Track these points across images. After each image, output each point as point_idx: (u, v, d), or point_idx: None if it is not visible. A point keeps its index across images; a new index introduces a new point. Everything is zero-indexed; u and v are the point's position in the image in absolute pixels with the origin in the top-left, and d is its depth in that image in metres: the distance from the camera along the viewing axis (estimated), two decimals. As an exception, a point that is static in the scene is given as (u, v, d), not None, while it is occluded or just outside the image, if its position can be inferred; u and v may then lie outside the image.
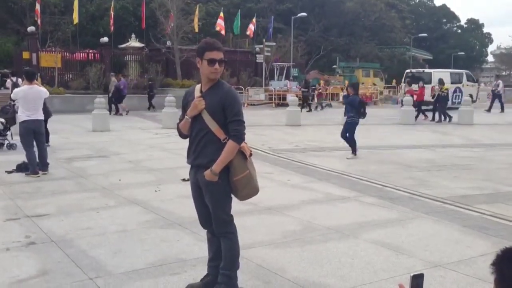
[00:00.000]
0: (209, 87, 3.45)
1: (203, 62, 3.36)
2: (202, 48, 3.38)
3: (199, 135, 3.43)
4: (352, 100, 10.44)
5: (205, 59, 3.34)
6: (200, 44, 3.46)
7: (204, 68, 3.37)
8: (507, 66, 74.57)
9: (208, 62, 3.34)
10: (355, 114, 10.36)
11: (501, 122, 18.76)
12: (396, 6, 57.98)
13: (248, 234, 5.19)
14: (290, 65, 33.84)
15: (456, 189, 7.42)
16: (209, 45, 3.39)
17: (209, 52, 3.34)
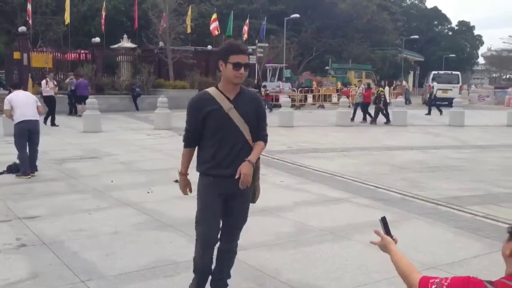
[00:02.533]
0: (236, 93, 3.24)
1: (227, 65, 3.14)
2: (227, 51, 3.17)
3: (237, 146, 3.23)
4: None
5: (230, 62, 3.12)
6: (224, 46, 3.24)
7: (229, 72, 3.15)
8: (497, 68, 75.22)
9: (234, 66, 3.12)
10: None
11: (491, 124, 18.88)
12: (388, 8, 58.23)
13: (242, 236, 5.16)
14: (283, 66, 33.87)
15: (448, 190, 7.44)
16: (235, 48, 3.18)
17: (235, 56, 3.13)
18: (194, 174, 3.39)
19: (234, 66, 3.12)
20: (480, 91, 40.84)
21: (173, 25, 29.47)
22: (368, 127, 18.13)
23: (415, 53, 61.39)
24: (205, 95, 3.27)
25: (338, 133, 15.73)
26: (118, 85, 26.33)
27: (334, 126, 17.72)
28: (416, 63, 60.19)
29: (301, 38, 44.69)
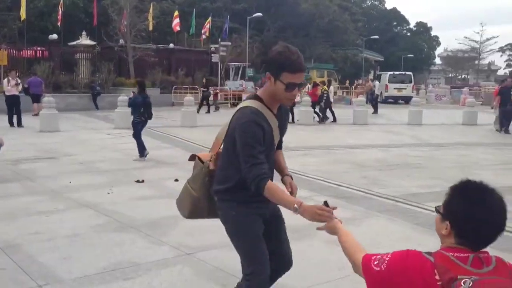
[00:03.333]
0: (278, 107, 2.69)
1: (278, 83, 2.49)
2: (280, 66, 2.47)
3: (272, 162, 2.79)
4: (132, 100, 10.17)
5: (283, 82, 2.47)
6: (276, 57, 2.48)
7: (279, 91, 2.52)
8: (453, 69, 77.63)
9: (286, 88, 2.48)
10: (136, 115, 9.97)
11: (448, 122, 19.46)
12: (349, 9, 59.13)
13: (204, 236, 5.13)
14: (246, 65, 33.86)
15: (407, 187, 7.62)
16: (291, 65, 2.45)
17: (290, 75, 2.46)
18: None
19: (288, 87, 2.48)
20: (437, 91, 42.01)
21: (134, 22, 29.03)
22: (330, 126, 18.36)
23: (375, 53, 62.63)
24: (254, 113, 2.55)
25: (301, 131, 15.86)
26: (76, 84, 25.69)
27: (297, 124, 17.85)
28: (376, 63, 61.42)
29: (264, 37, 44.79)
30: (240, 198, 2.65)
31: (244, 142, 2.50)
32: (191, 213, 2.89)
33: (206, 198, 2.80)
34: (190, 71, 30.95)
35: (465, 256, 1.59)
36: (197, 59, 33.59)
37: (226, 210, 2.71)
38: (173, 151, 11.34)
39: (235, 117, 2.61)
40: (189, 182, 2.87)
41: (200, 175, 2.81)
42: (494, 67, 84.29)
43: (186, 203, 2.89)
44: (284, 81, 2.47)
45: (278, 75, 2.48)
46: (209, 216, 2.90)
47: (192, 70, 31.39)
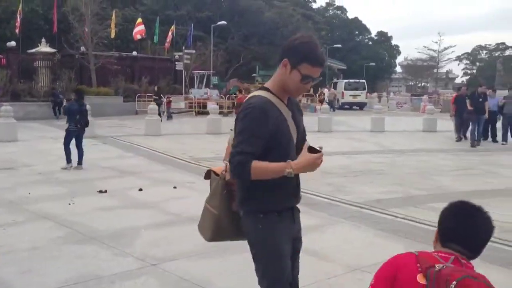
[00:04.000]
0: (288, 99, 2.50)
1: (294, 72, 2.35)
2: (303, 56, 2.33)
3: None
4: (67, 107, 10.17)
5: (300, 72, 2.34)
6: (301, 46, 2.35)
7: (292, 82, 2.37)
8: (413, 77, 79.77)
9: (303, 78, 2.35)
10: (71, 123, 9.93)
11: (409, 129, 19.93)
12: (312, 18, 60.08)
13: (170, 246, 5.06)
14: (210, 73, 33.83)
15: (371, 193, 7.73)
16: (314, 57, 2.35)
17: (310, 67, 2.34)
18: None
19: (304, 78, 2.35)
20: (398, 98, 43.04)
21: (96, 29, 28.59)
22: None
23: (338, 61, 63.69)
24: (263, 102, 2.35)
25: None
26: (36, 92, 25.01)
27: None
28: (339, 71, 62.43)
29: (228, 45, 44.92)
30: (256, 207, 2.41)
31: (243, 127, 2.31)
32: (214, 233, 2.60)
33: (228, 215, 2.52)
34: (154, 79, 30.67)
35: (447, 256, 1.75)
36: (161, 67, 33.36)
37: (250, 223, 2.43)
38: (137, 160, 11.16)
39: (241, 107, 2.42)
40: (208, 201, 2.62)
41: (217, 189, 2.54)
42: (452, 75, 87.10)
43: (207, 223, 2.61)
44: (302, 71, 2.33)
45: (297, 64, 2.33)
46: (234, 236, 2.60)
47: (156, 78, 31.12)
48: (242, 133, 2.30)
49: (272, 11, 50.29)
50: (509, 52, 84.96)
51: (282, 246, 2.43)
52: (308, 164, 2.31)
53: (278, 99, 2.40)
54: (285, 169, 2.27)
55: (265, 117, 2.29)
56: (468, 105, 14.48)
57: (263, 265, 2.46)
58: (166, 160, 11.21)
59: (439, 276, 1.62)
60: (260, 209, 2.40)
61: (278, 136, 2.34)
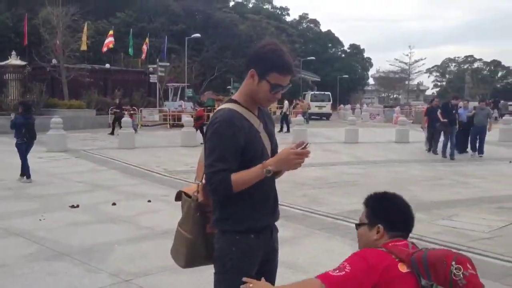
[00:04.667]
0: (258, 109, 2.41)
1: (263, 83, 2.26)
2: (270, 65, 2.26)
3: (272, 179, 2.39)
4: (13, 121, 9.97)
5: (269, 81, 2.26)
6: (268, 54, 2.27)
7: (262, 92, 2.28)
8: (385, 89, 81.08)
9: (272, 88, 2.27)
10: (18, 136, 9.79)
11: (382, 140, 20.21)
12: (286, 31, 60.63)
13: (145, 261, 4.99)
14: (185, 85, 33.73)
15: (346, 204, 7.78)
16: (282, 66, 2.28)
17: (279, 76, 2.27)
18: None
19: (273, 88, 2.27)
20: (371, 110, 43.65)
21: (68, 42, 28.25)
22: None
23: (312, 73, 64.34)
24: (233, 115, 2.25)
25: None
26: (5, 105, 24.48)
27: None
28: (313, 83, 63.03)
29: (203, 58, 44.91)
30: (232, 228, 2.29)
31: (213, 145, 2.22)
32: (188, 259, 2.46)
33: (203, 239, 2.39)
34: (127, 91, 30.40)
35: (405, 243, 1.90)
36: (135, 79, 33.10)
37: (225, 244, 2.31)
38: (110, 174, 11.00)
39: (209, 121, 2.32)
40: (180, 225, 2.47)
41: (190, 211, 2.41)
42: (423, 87, 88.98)
43: (181, 249, 2.46)
44: (271, 81, 2.25)
45: (265, 74, 2.25)
46: (209, 260, 2.43)
47: (130, 90, 30.85)
48: (215, 151, 2.21)
49: (246, 24, 50.63)
50: (477, 64, 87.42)
51: (252, 273, 2.32)
52: (283, 158, 2.20)
53: (247, 111, 2.31)
54: (262, 169, 2.20)
55: (234, 130, 2.20)
56: (441, 117, 14.43)
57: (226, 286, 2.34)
58: (140, 174, 11.09)
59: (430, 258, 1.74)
60: (237, 229, 2.28)
61: (251, 149, 2.25)
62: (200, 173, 2.45)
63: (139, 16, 45.46)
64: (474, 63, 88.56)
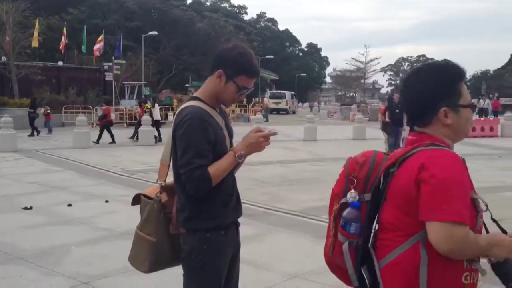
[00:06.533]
0: (219, 107, 2.46)
1: (230, 84, 2.32)
2: (240, 68, 2.32)
3: (232, 174, 2.41)
4: None
5: (236, 83, 2.32)
6: (237, 57, 2.32)
7: (228, 93, 2.34)
8: (342, 87, 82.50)
9: (239, 90, 2.34)
10: None
11: (340, 138, 20.53)
12: (244, 29, 60.64)
13: (103, 263, 4.85)
14: (142, 83, 33.17)
15: (306, 201, 7.84)
16: (250, 69, 2.35)
17: (247, 79, 2.35)
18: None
19: (240, 90, 2.34)
20: (329, 108, 44.27)
21: (18, 38, 27.24)
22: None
23: (271, 72, 64.69)
24: (200, 112, 2.28)
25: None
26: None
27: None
28: (272, 81, 63.38)
29: (160, 56, 44.29)
30: (214, 222, 2.30)
31: (187, 142, 2.21)
32: (152, 263, 2.37)
33: (168, 240, 2.34)
34: (82, 90, 29.60)
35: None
36: (89, 77, 32.30)
37: (196, 243, 2.28)
38: (65, 174, 10.66)
39: (175, 120, 2.32)
40: (140, 229, 2.38)
41: (153, 213, 2.34)
42: (378, 86, 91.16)
43: (143, 254, 2.37)
44: (238, 83, 2.32)
45: (234, 76, 2.31)
46: (173, 262, 2.39)
47: (84, 89, 30.05)
48: (190, 148, 2.19)
49: (204, 22, 50.27)
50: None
51: (222, 271, 2.35)
52: (253, 141, 2.30)
53: (211, 109, 2.35)
54: (234, 155, 2.26)
55: (205, 126, 2.23)
56: (387, 116, 13.24)
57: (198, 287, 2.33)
58: (97, 174, 10.80)
59: None
60: (207, 227, 2.27)
61: (218, 147, 2.26)
62: (162, 173, 2.42)
63: (93, 13, 44.33)
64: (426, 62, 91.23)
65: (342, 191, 1.85)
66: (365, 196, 1.78)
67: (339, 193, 1.86)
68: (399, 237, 1.65)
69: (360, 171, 1.83)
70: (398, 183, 1.67)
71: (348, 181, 1.83)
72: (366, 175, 1.81)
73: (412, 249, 1.62)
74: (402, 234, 1.65)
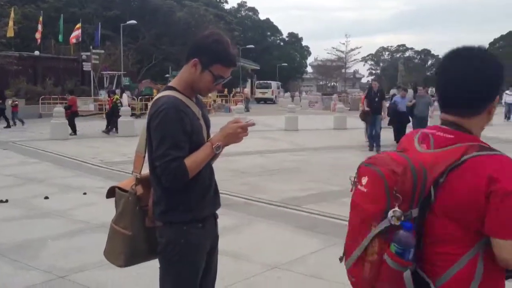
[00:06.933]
0: (195, 96, 2.39)
1: (205, 73, 2.24)
2: (216, 56, 2.24)
3: (209, 164, 2.34)
4: None
5: (212, 72, 2.24)
6: (213, 45, 2.24)
7: (203, 82, 2.27)
8: (323, 77, 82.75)
9: (215, 79, 2.27)
10: None
11: (321, 127, 20.59)
12: (224, 18, 60.20)
13: (80, 256, 4.77)
14: (121, 73, 32.74)
15: (287, 191, 7.83)
16: (227, 58, 2.27)
17: (223, 68, 2.27)
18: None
19: (216, 79, 2.27)
20: (310, 98, 44.35)
21: (-7, 27, 26.62)
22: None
23: (251, 61, 64.48)
24: (176, 102, 2.20)
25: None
26: None
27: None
28: (253, 71, 63.19)
29: (139, 45, 43.74)
30: (191, 214, 2.25)
31: (163, 133, 2.14)
32: (128, 257, 2.34)
33: (143, 233, 2.29)
34: (59, 80, 29.11)
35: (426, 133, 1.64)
36: (67, 67, 31.76)
37: (173, 236, 2.24)
38: (42, 166, 10.48)
39: (149, 111, 2.25)
40: (115, 222, 2.34)
41: (128, 206, 2.29)
42: (359, 75, 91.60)
43: (118, 248, 2.33)
44: (214, 72, 2.24)
45: (209, 65, 2.23)
46: (149, 256, 2.36)
47: (62, 79, 29.54)
48: (166, 139, 2.13)
49: (184, 11, 49.76)
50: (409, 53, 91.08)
51: (200, 264, 2.32)
52: (231, 132, 2.25)
53: (187, 98, 2.28)
54: (211, 146, 2.21)
55: (182, 116, 2.16)
56: (366, 105, 13.39)
57: (175, 281, 2.30)
58: (75, 165, 10.64)
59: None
60: (184, 220, 2.23)
61: (194, 137, 2.21)
62: (137, 165, 2.37)
63: (70, 1, 43.46)
64: (406, 52, 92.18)
65: (383, 210, 1.50)
66: (413, 212, 1.53)
67: (378, 212, 1.51)
68: (458, 249, 1.52)
69: (404, 184, 1.50)
70: (454, 194, 1.50)
71: (391, 198, 1.50)
72: (412, 188, 1.51)
73: (471, 262, 1.51)
74: (460, 247, 1.52)
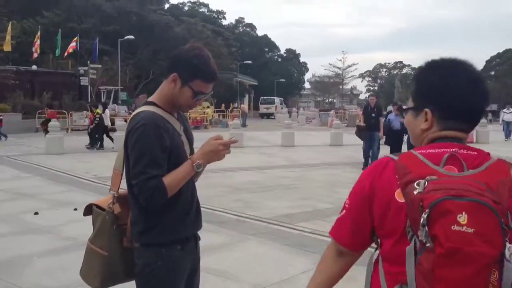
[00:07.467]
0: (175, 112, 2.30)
1: (185, 89, 2.17)
2: (196, 71, 2.17)
3: (191, 182, 2.29)
4: None
5: (192, 88, 2.17)
6: (193, 60, 2.17)
7: (183, 98, 2.19)
8: (321, 93, 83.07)
9: (195, 95, 2.19)
10: None
11: (318, 144, 20.55)
12: (222, 34, 60.53)
13: (66, 274, 4.67)
14: (118, 88, 32.78)
15: (280, 208, 7.74)
16: (208, 72, 2.20)
17: (202, 83, 2.19)
18: None
19: (196, 95, 2.19)
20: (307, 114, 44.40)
21: (-10, 42, 26.69)
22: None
23: (249, 77, 64.71)
24: (155, 116, 2.13)
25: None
26: None
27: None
28: (250, 87, 63.38)
29: (137, 60, 43.86)
30: (170, 236, 2.16)
31: (141, 150, 2.05)
32: (104, 279, 2.23)
33: (120, 254, 2.20)
34: (56, 94, 29.09)
35: (439, 153, 1.33)
36: (64, 82, 31.80)
37: (150, 258, 2.16)
38: (35, 181, 10.39)
39: (127, 127, 2.17)
40: (92, 242, 2.26)
41: (105, 225, 2.21)
42: (356, 91, 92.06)
43: (95, 268, 2.23)
44: (194, 88, 2.17)
45: (189, 80, 2.16)
46: (127, 278, 2.25)
47: (59, 93, 29.54)
48: (144, 156, 2.05)
49: (182, 26, 50.07)
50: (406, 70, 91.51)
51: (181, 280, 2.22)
52: (212, 149, 2.19)
53: (168, 114, 2.21)
54: (191, 164, 2.13)
55: (160, 132, 2.08)
56: (362, 121, 13.10)
57: None
58: (68, 180, 10.55)
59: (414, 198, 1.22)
60: (162, 242, 2.15)
61: (175, 154, 2.13)
62: (115, 182, 2.27)
63: (69, 16, 43.64)
64: (403, 68, 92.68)
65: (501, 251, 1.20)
66: None
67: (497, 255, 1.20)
68: None
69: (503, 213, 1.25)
70: None
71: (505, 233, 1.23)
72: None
73: None
74: None
